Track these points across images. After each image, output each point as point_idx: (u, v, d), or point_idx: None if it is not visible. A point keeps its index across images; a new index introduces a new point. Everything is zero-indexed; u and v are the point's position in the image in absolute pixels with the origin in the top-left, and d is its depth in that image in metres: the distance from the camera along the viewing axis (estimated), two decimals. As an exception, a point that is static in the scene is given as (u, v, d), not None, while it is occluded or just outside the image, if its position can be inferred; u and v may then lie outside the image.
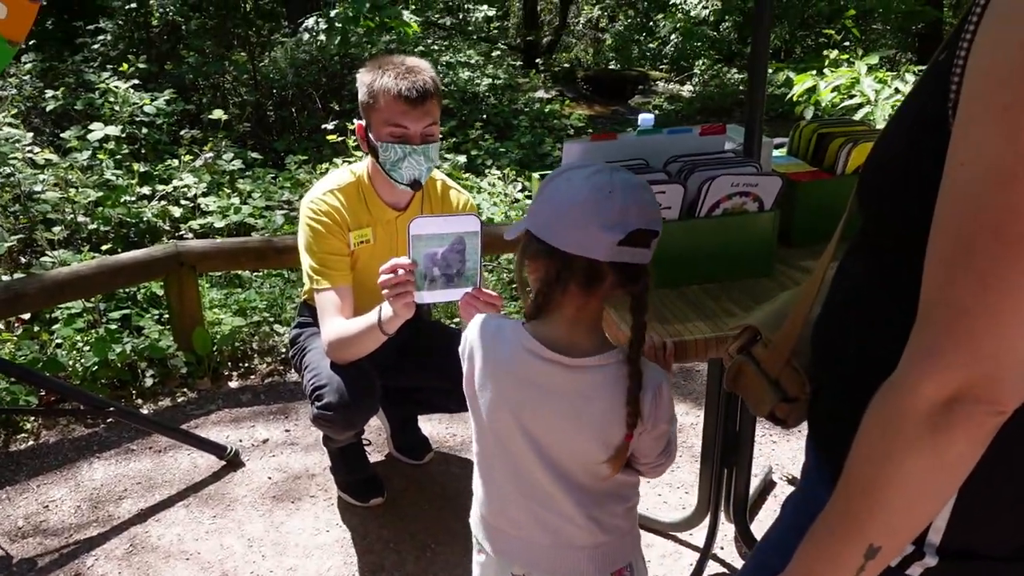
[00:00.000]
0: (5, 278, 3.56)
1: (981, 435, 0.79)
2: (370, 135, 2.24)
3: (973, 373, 0.76)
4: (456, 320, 3.78)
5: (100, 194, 4.53)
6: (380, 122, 2.19)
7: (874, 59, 4.74)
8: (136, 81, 5.94)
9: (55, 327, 3.49)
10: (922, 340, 0.80)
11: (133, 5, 7.51)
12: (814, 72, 4.87)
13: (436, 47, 9.98)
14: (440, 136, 2.30)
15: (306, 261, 2.33)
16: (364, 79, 2.21)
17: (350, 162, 2.32)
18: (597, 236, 1.26)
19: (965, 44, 0.79)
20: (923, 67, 4.57)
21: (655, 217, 1.31)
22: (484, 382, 1.43)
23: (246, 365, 3.58)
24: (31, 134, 5.14)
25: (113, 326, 3.51)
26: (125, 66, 6.13)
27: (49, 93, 6.01)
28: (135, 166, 4.97)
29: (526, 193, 5.40)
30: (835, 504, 0.91)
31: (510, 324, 1.42)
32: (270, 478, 2.84)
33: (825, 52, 5.66)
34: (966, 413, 0.77)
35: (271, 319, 3.80)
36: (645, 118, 2.27)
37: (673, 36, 13.54)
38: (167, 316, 3.64)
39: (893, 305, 0.91)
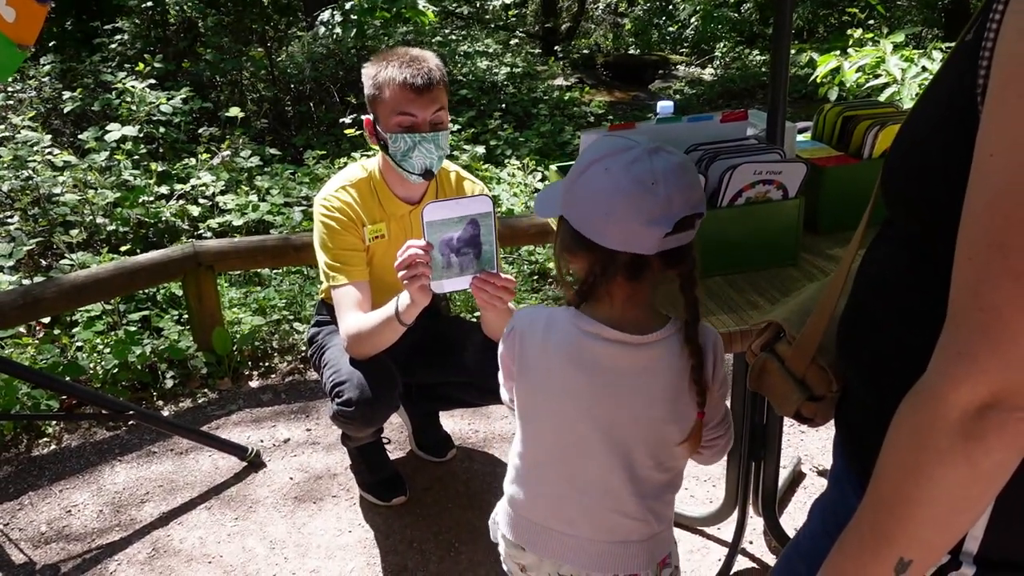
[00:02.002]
0: (25, 282, 3.56)
1: (1018, 443, 0.74)
2: (378, 128, 2.21)
3: (1008, 378, 0.72)
4: (477, 314, 3.74)
5: (118, 195, 4.52)
6: (388, 113, 2.16)
7: (899, 37, 4.63)
8: (153, 80, 5.94)
9: (75, 330, 3.49)
10: (953, 343, 0.75)
11: (150, 3, 7.51)
12: (838, 52, 4.77)
13: (453, 37, 9.93)
14: (450, 126, 2.26)
15: (322, 258, 2.30)
16: (368, 72, 2.19)
17: (368, 156, 2.30)
18: (642, 232, 1.21)
19: (994, 25, 0.73)
20: (950, 44, 4.47)
21: (700, 198, 1.26)
22: (539, 377, 1.39)
23: (266, 364, 3.56)
24: (49, 136, 5.15)
25: (133, 328, 3.50)
26: (141, 65, 6.13)
27: (67, 94, 6.02)
28: (153, 166, 4.97)
29: (546, 183, 5.35)
30: (863, 515, 0.87)
31: (561, 311, 1.37)
32: (292, 478, 2.82)
33: (849, 31, 5.55)
34: (1001, 420, 0.73)
35: (290, 317, 3.78)
36: (664, 106, 2.21)
37: (693, 19, 13.41)
38: (186, 316, 3.63)
39: (920, 294, 0.87)
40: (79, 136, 5.39)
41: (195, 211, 4.57)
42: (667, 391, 1.33)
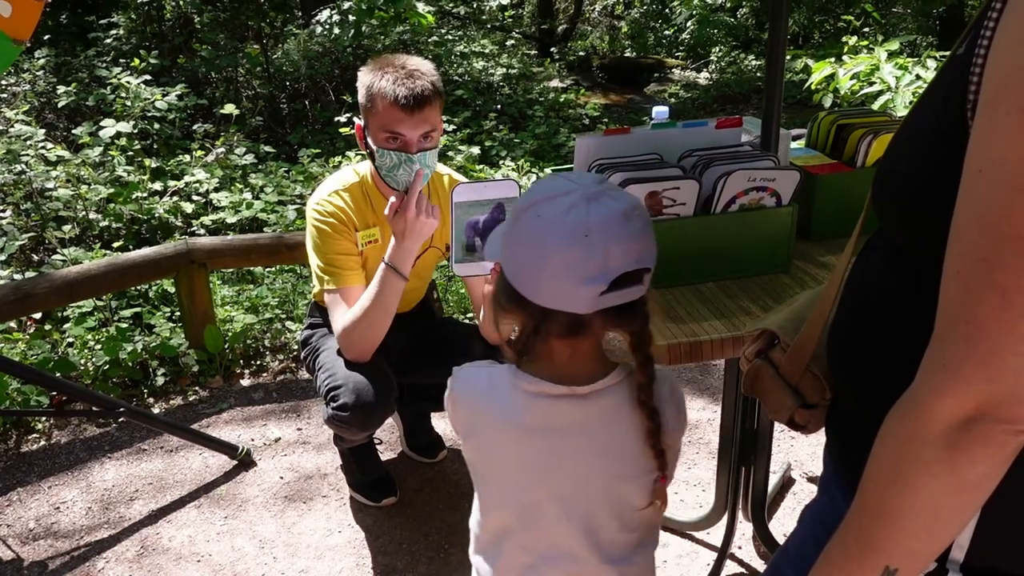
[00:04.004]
0: (17, 277, 3.55)
1: (1002, 455, 0.75)
2: (368, 138, 2.19)
3: (993, 391, 0.72)
4: (469, 315, 3.74)
5: (111, 191, 4.51)
6: (377, 127, 2.13)
7: (894, 45, 4.65)
8: (148, 76, 5.92)
9: (66, 326, 3.48)
10: (939, 356, 0.76)
11: (145, -1, 7.51)
12: (832, 59, 4.78)
13: (450, 37, 9.92)
14: (440, 140, 2.24)
15: (314, 262, 2.29)
16: (363, 80, 2.14)
17: (363, 155, 2.28)
18: (576, 290, 1.09)
19: (985, 41, 0.74)
20: (945, 53, 4.49)
21: (645, 251, 1.13)
22: (486, 444, 1.27)
23: (258, 363, 3.55)
24: (43, 130, 5.13)
25: (124, 325, 3.49)
26: (136, 61, 6.12)
27: (62, 89, 6.00)
28: (147, 162, 4.95)
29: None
30: (850, 524, 0.88)
31: (502, 371, 1.26)
32: (282, 478, 2.81)
33: (844, 38, 5.57)
34: (985, 432, 0.74)
35: (283, 316, 3.77)
36: (659, 111, 2.22)
37: (689, 23, 13.42)
38: (178, 314, 3.62)
39: (908, 303, 0.88)
40: (73, 131, 5.38)
41: (189, 208, 4.57)
42: (624, 440, 1.22)
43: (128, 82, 5.68)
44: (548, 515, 1.26)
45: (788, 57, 4.60)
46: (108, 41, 7.34)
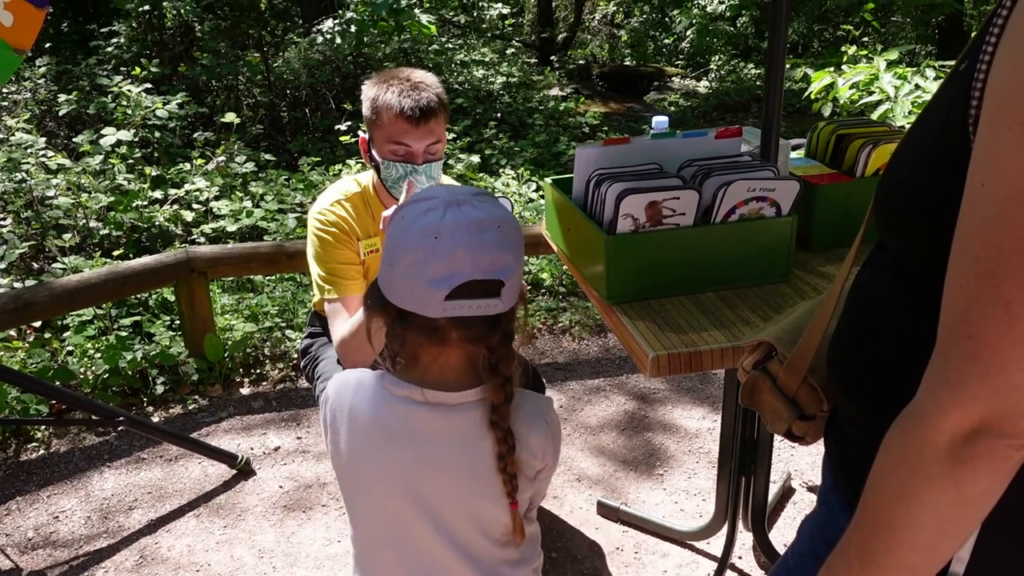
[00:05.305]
0: (17, 285, 3.55)
1: (1005, 470, 0.75)
2: (373, 150, 2.20)
3: (997, 406, 0.72)
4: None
5: (112, 199, 4.52)
6: (382, 139, 2.14)
7: (893, 55, 4.66)
8: (148, 84, 5.93)
9: (66, 335, 3.48)
10: (942, 370, 0.76)
11: (147, 7, 7.51)
12: (832, 69, 4.79)
13: (450, 45, 9.94)
14: (444, 152, 2.24)
15: (315, 271, 2.29)
16: (368, 93, 2.15)
17: (363, 164, 2.29)
18: (424, 291, 1.11)
19: (987, 57, 0.74)
20: (944, 63, 4.50)
21: (499, 263, 1.13)
22: (355, 450, 1.25)
23: (258, 371, 3.55)
24: (44, 138, 5.14)
25: (124, 333, 3.49)
26: (137, 69, 6.13)
27: (63, 97, 6.02)
28: (147, 170, 4.96)
29: (540, 193, 5.36)
30: (851, 538, 0.87)
31: (371, 375, 1.26)
32: (281, 487, 2.81)
33: (844, 47, 5.58)
34: (988, 447, 0.73)
35: (283, 324, 3.77)
36: (659, 121, 2.22)
37: (689, 32, 13.46)
38: (178, 322, 3.62)
39: (909, 316, 0.88)
40: (74, 139, 5.38)
41: (189, 216, 4.57)
42: (482, 461, 1.20)
43: (129, 90, 5.68)
44: (416, 528, 1.25)
45: (787, 66, 4.62)
46: (109, 49, 7.35)
